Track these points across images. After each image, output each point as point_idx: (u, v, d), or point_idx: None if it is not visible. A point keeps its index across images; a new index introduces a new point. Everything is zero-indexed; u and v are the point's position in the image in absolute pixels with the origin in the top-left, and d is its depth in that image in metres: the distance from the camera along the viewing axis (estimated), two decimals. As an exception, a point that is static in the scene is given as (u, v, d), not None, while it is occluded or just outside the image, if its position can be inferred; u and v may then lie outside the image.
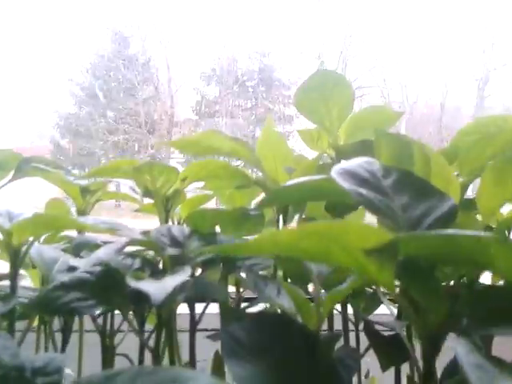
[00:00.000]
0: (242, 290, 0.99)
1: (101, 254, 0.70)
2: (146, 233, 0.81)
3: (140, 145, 18.80)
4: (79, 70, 19.62)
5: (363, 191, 0.49)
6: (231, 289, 0.95)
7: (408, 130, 26.47)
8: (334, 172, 0.52)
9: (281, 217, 0.95)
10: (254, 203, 1.11)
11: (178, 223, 1.14)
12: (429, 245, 0.38)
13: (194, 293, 0.67)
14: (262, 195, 1.04)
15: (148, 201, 1.13)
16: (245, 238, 0.94)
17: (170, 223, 1.12)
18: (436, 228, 0.47)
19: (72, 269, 0.69)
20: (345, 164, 0.54)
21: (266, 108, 20.54)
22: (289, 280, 0.86)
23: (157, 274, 0.71)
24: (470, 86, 24.40)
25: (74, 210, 1.18)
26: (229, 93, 20.05)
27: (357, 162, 0.55)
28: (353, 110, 0.97)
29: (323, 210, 0.84)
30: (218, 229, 1.00)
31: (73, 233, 1.16)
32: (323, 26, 20.55)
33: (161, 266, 0.79)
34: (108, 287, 0.64)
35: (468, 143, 0.75)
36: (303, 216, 0.93)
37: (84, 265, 0.67)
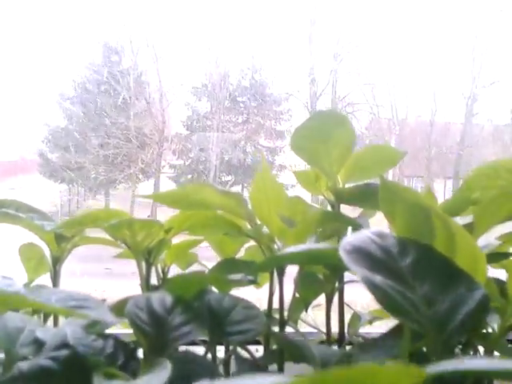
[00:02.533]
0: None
1: (68, 332, 0.60)
2: (121, 302, 0.70)
3: (130, 159, 18.66)
4: (70, 85, 19.56)
5: (377, 279, 0.41)
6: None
7: (397, 146, 26.68)
8: (343, 250, 0.45)
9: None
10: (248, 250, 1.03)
11: (163, 272, 1.05)
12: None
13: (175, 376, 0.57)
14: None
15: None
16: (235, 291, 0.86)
17: (156, 269, 1.03)
18: (467, 328, 0.40)
19: (38, 343, 0.60)
20: (354, 239, 0.47)
21: (258, 123, 20.59)
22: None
23: (130, 364, 0.61)
24: (458, 104, 24.73)
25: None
26: (220, 108, 20.08)
27: (367, 235, 0.48)
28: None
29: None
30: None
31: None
32: (314, 42, 20.76)
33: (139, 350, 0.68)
34: (72, 382, 0.54)
35: (485, 196, 0.68)
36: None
37: (50, 341, 0.57)
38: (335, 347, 0.81)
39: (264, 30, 21.49)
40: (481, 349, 0.63)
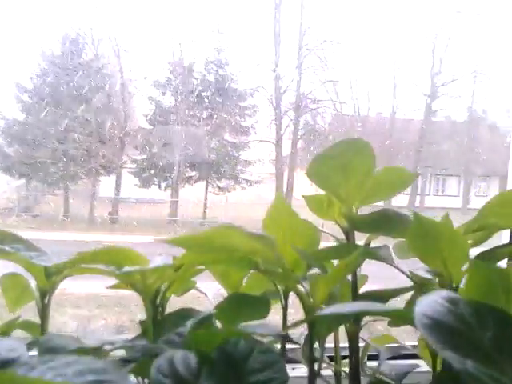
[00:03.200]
0: None
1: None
2: (143, 363, 0.63)
3: (90, 154, 18.18)
4: (27, 76, 18.83)
5: (469, 365, 0.39)
6: None
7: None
8: (420, 324, 0.43)
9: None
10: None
11: (162, 305, 0.99)
12: None
13: None
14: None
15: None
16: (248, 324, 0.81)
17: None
18: None
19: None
20: (428, 308, 0.45)
21: (222, 119, 20.51)
22: None
23: None
24: (418, 101, 25.38)
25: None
26: (184, 102, 19.87)
27: (440, 302, 0.46)
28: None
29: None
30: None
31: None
32: (279, 38, 20.78)
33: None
34: None
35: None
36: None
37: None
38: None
39: (229, 24, 21.33)
40: None
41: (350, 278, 0.86)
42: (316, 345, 0.87)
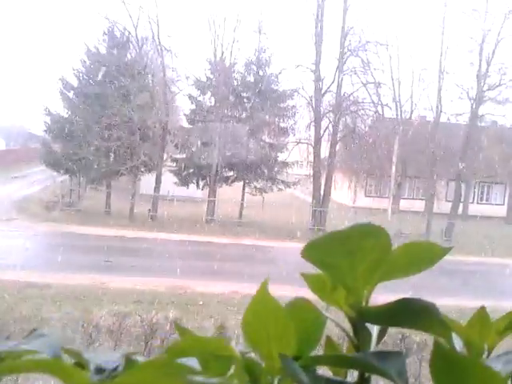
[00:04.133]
0: None
1: None
2: None
3: (132, 152, 18.56)
4: (73, 75, 19.44)
5: None
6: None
7: (401, 146, 26.55)
8: None
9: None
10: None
11: None
12: None
13: None
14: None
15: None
16: None
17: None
18: None
19: None
20: None
21: (261, 119, 20.44)
22: None
23: None
24: (463, 106, 24.56)
25: None
26: (224, 103, 19.97)
27: None
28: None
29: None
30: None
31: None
32: (320, 40, 20.59)
33: None
34: None
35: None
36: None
37: None
38: None
39: (270, 26, 21.35)
40: None
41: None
42: None
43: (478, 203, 30.76)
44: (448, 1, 21.06)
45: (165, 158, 20.75)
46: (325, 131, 22.24)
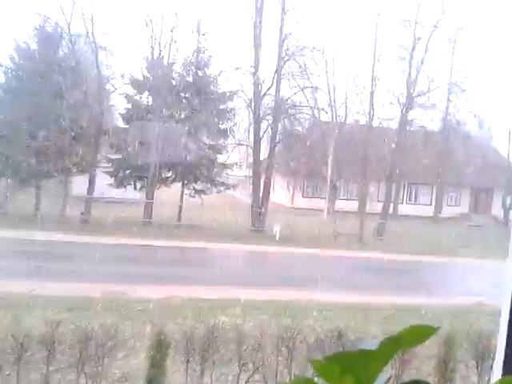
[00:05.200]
0: None
1: None
2: None
3: (64, 152, 17.72)
4: (1, 71, 18.29)
5: None
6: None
7: (336, 148, 27.41)
8: None
9: None
10: None
11: None
12: None
13: None
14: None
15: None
16: None
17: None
18: None
19: None
20: None
21: (200, 120, 20.26)
22: None
23: None
24: (394, 111, 25.80)
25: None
26: (162, 102, 19.59)
27: None
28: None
29: None
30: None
31: None
32: (259, 43, 20.81)
33: None
34: None
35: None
36: None
37: None
38: None
39: (209, 26, 21.21)
40: None
41: None
42: None
43: (407, 203, 32.39)
44: (381, 10, 22.01)
45: (99, 158, 20.00)
46: (264, 133, 22.49)
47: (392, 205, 28.46)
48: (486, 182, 31.73)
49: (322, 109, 27.62)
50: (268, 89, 21.71)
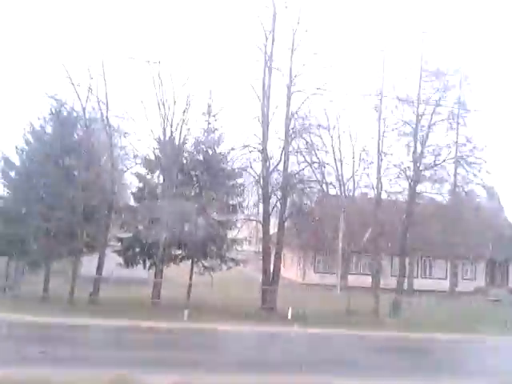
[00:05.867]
0: None
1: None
2: None
3: (75, 232, 17.76)
4: (16, 153, 18.88)
5: None
6: None
7: (346, 222, 27.30)
8: None
9: None
10: None
11: None
12: None
13: None
14: None
15: None
16: None
17: None
18: None
19: None
20: None
21: (210, 197, 20.39)
22: None
23: None
24: (402, 184, 25.97)
25: None
26: (173, 181, 19.86)
27: None
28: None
29: None
30: None
31: None
32: (268, 120, 21.45)
33: None
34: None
35: None
36: None
37: None
38: None
39: (218, 107, 22.03)
40: None
41: None
42: None
43: (422, 277, 31.64)
44: (383, 88, 22.81)
45: (109, 237, 19.99)
46: (273, 208, 22.53)
47: (407, 280, 27.73)
48: (500, 254, 31.13)
49: (330, 183, 27.97)
50: (276, 165, 22.05)
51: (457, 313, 20.60)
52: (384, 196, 26.87)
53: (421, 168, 23.91)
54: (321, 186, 25.99)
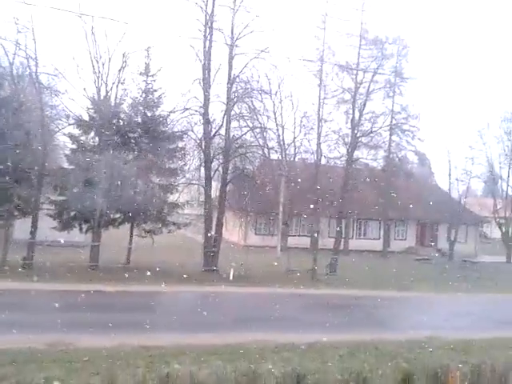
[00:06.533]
0: None
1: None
2: None
3: (5, 195, 16.78)
4: None
5: None
6: None
7: (286, 186, 27.79)
8: None
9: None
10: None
11: None
12: None
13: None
14: None
15: None
16: None
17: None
18: None
19: None
20: None
21: (149, 160, 19.89)
22: None
23: None
24: (341, 150, 26.74)
25: None
26: (109, 143, 19.12)
27: None
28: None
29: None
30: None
31: None
32: (210, 83, 21.02)
33: None
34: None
35: None
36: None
37: None
38: None
39: (158, 67, 21.27)
40: None
41: None
42: None
43: (356, 238, 33.14)
44: (324, 55, 23.03)
45: (41, 200, 19.07)
46: (215, 172, 22.44)
47: (343, 240, 28.94)
48: (430, 216, 33.15)
49: (272, 148, 28.19)
50: (218, 129, 21.83)
51: (389, 271, 21.82)
52: (323, 161, 27.58)
53: (358, 135, 24.64)
54: (262, 150, 26.16)
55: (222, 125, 21.66)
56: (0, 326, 9.77)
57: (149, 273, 15.42)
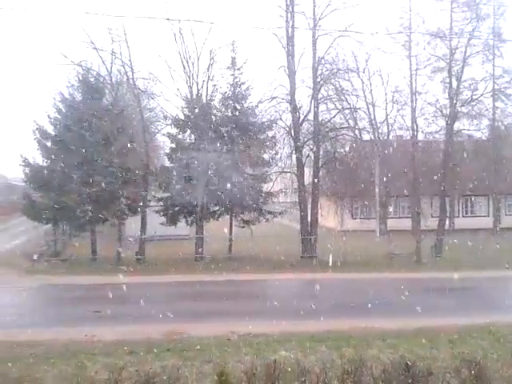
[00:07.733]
0: None
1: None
2: None
3: (115, 196, 18.31)
4: (49, 123, 19.26)
5: None
6: None
7: (382, 166, 26.82)
8: None
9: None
10: None
11: None
12: None
13: None
14: None
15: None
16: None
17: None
18: None
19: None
20: None
21: (242, 152, 20.37)
22: None
23: None
24: (439, 123, 25.02)
25: None
26: (204, 139, 19.93)
27: None
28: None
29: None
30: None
31: None
32: (294, 69, 20.91)
33: None
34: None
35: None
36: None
37: None
38: None
39: (242, 60, 21.59)
40: None
41: None
42: None
43: (463, 216, 31.05)
44: (412, 24, 21.71)
45: (149, 198, 20.53)
46: (306, 158, 22.36)
47: (448, 219, 27.23)
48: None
49: (364, 128, 27.31)
50: (306, 114, 21.68)
51: (500, 250, 20.23)
52: (420, 137, 26.07)
53: (457, 104, 22.89)
54: (353, 132, 25.46)
55: (309, 109, 21.49)
56: (117, 319, 10.71)
57: (250, 262, 15.90)
